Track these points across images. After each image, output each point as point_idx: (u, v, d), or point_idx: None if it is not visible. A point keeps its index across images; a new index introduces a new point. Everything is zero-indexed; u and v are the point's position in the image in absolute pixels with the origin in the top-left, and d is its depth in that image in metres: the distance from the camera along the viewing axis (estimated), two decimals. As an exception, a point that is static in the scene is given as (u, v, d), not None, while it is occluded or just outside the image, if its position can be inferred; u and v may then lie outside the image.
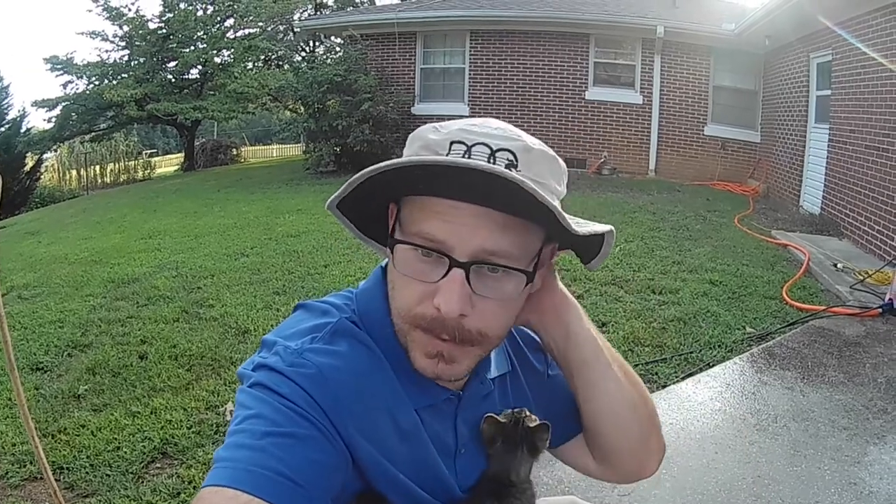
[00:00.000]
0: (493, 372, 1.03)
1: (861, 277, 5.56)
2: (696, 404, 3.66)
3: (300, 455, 0.77)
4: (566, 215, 0.78)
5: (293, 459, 0.76)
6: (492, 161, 0.80)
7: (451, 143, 0.82)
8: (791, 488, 2.83)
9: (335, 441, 0.82)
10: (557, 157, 0.87)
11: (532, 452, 1.00)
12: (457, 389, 0.98)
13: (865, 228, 7.03)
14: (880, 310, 4.87)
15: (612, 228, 0.88)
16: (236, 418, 0.81)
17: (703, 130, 12.99)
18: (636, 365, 4.08)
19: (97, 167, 23.36)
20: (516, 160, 0.81)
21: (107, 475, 2.99)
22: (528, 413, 1.00)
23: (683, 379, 3.97)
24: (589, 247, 0.93)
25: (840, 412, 3.49)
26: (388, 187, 0.85)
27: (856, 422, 3.39)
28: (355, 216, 0.95)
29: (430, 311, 0.83)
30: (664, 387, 3.88)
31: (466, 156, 0.81)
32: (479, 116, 0.89)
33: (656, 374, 4.02)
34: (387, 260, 0.96)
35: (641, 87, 13.13)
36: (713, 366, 4.13)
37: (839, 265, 6.06)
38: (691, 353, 4.29)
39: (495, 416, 0.99)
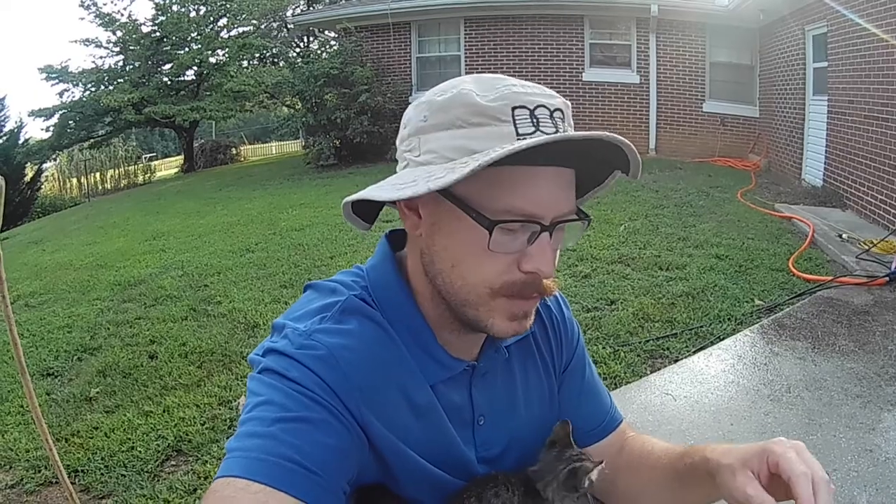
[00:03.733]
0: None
1: (866, 247, 5.54)
2: (710, 377, 3.66)
3: (312, 440, 0.76)
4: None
5: (305, 445, 0.75)
6: (554, 122, 0.80)
7: (513, 108, 0.79)
8: (807, 457, 2.82)
9: (349, 423, 0.80)
10: None
11: (566, 486, 0.92)
12: (472, 360, 0.96)
13: (868, 199, 6.99)
14: (887, 278, 4.86)
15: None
16: (247, 406, 0.80)
17: (701, 107, 12.91)
18: (647, 341, 4.09)
19: (97, 174, 23.40)
20: (564, 116, 0.82)
21: (122, 475, 3.00)
22: (591, 466, 0.93)
23: (695, 353, 3.96)
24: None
25: (852, 380, 3.48)
26: None
27: (868, 389, 3.38)
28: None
29: (519, 277, 0.82)
30: (676, 361, 3.88)
31: (533, 120, 0.79)
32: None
33: (668, 349, 4.02)
34: (387, 232, 0.97)
35: (638, 67, 13.04)
36: (724, 339, 4.13)
37: (844, 236, 6.05)
38: (701, 327, 4.29)
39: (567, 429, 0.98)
